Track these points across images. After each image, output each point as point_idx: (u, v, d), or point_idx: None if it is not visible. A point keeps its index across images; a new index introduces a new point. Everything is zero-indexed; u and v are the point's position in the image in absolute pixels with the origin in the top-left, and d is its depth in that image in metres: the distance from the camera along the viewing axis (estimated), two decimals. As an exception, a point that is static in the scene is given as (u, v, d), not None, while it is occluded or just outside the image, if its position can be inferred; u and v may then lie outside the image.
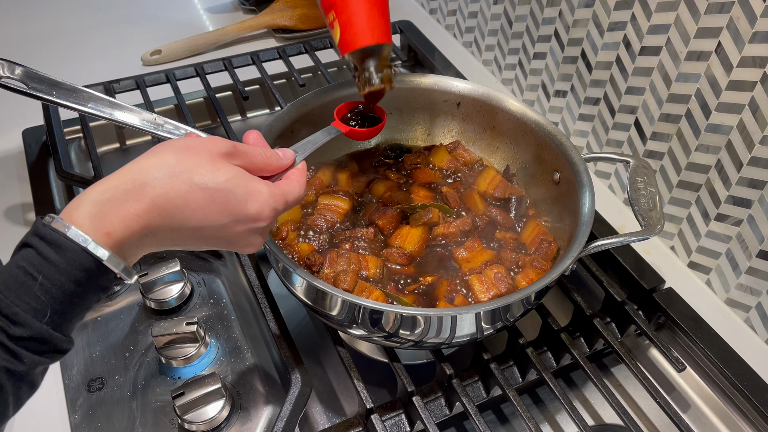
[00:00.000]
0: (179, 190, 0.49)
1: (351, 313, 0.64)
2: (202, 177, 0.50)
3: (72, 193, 0.98)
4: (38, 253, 0.45)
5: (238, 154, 0.54)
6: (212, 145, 0.53)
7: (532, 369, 0.74)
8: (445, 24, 1.39)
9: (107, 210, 0.47)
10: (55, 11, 1.41)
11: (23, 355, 0.45)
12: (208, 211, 0.51)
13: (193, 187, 0.50)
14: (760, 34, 0.72)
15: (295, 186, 0.58)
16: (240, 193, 0.52)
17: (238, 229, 0.54)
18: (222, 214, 0.51)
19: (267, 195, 0.54)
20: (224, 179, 0.51)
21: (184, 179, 0.50)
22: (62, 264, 0.45)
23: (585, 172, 0.75)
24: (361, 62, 0.70)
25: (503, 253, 0.77)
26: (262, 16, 1.33)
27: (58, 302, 0.46)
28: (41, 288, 0.45)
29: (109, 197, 0.48)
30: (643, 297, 0.82)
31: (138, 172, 0.49)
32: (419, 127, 0.93)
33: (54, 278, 0.45)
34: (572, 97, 1.05)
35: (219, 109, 1.05)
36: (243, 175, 0.53)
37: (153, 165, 0.50)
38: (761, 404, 0.72)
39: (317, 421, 0.76)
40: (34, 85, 0.70)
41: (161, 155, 0.51)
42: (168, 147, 0.52)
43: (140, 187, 0.49)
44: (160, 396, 0.74)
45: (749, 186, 0.78)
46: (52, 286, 0.45)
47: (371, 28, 0.67)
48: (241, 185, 0.52)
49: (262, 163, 0.57)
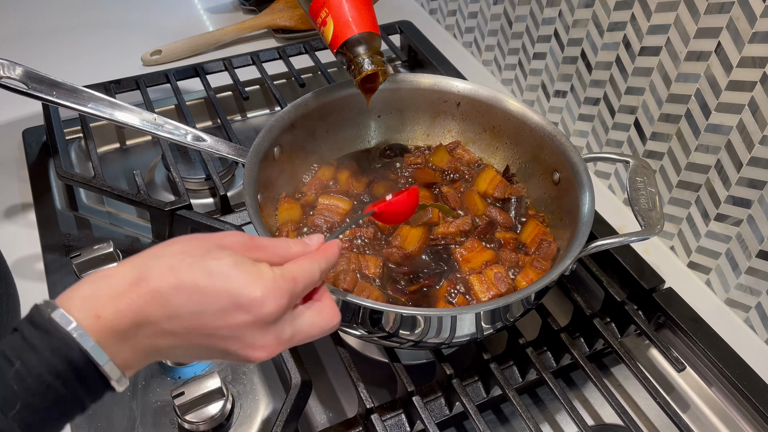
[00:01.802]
0: (176, 268, 0.44)
1: (351, 313, 0.64)
2: (204, 261, 0.45)
3: (72, 193, 0.98)
4: (22, 336, 0.40)
5: (255, 247, 0.49)
6: (225, 239, 0.49)
7: (532, 369, 0.74)
8: (445, 24, 1.39)
9: (100, 291, 0.42)
10: (55, 11, 1.41)
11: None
12: (206, 293, 0.44)
13: (193, 268, 0.45)
14: (760, 34, 0.72)
15: (305, 265, 0.50)
16: (241, 275, 0.46)
17: (240, 319, 0.46)
18: (220, 296, 0.45)
19: (270, 278, 0.47)
20: (229, 261, 0.46)
21: (187, 263, 0.45)
22: (44, 351, 0.39)
23: (585, 172, 0.75)
24: (354, 52, 0.73)
25: (503, 253, 0.77)
26: (262, 16, 1.33)
27: (30, 394, 0.39)
28: (16, 375, 0.39)
29: (106, 281, 0.43)
30: (643, 297, 0.82)
31: (139, 257, 0.46)
32: (419, 127, 0.93)
33: (31, 366, 0.39)
34: (572, 97, 1.05)
35: (219, 109, 1.05)
36: (245, 260, 0.47)
37: (153, 253, 0.46)
38: (761, 404, 0.72)
39: (317, 421, 0.76)
40: (34, 85, 0.70)
41: (165, 245, 0.47)
42: (180, 237, 0.48)
43: (138, 271, 0.44)
44: (160, 396, 0.74)
45: (749, 186, 0.79)
46: (28, 375, 0.39)
47: (363, 18, 0.72)
48: (242, 266, 0.46)
49: (284, 250, 0.51)
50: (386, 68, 0.75)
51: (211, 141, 0.77)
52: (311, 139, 0.86)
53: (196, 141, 0.76)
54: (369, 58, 0.73)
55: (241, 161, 0.75)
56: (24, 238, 0.91)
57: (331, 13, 0.72)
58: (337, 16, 0.72)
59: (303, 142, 0.84)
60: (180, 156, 1.03)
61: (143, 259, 0.45)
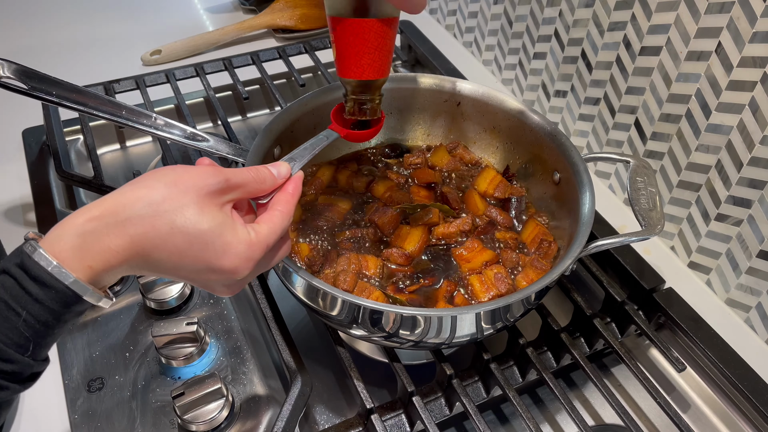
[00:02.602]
0: (160, 230, 0.49)
1: (351, 314, 0.64)
2: (184, 220, 0.49)
3: (72, 193, 0.98)
4: (21, 287, 0.46)
5: (230, 188, 0.53)
6: (203, 182, 0.51)
7: (532, 369, 0.74)
8: (445, 24, 1.39)
9: (89, 243, 0.47)
10: (56, 11, 1.41)
11: (6, 386, 0.46)
12: (185, 256, 0.50)
13: (174, 229, 0.49)
14: (760, 34, 0.72)
15: (277, 222, 0.56)
16: (218, 245, 0.51)
17: (212, 278, 0.53)
18: (197, 261, 0.51)
19: (245, 248, 0.52)
20: (206, 227, 0.50)
21: (166, 220, 0.49)
22: (46, 301, 0.46)
23: (585, 172, 0.75)
24: (351, 90, 0.70)
25: (503, 253, 0.77)
26: (262, 16, 1.33)
27: (40, 336, 0.47)
28: (25, 324, 0.46)
29: (92, 229, 0.48)
30: (643, 297, 0.82)
31: (122, 206, 0.49)
32: (419, 127, 0.93)
33: (38, 314, 0.46)
34: (572, 97, 1.05)
35: (219, 109, 1.05)
36: (225, 225, 0.51)
37: (138, 198, 0.49)
38: (761, 404, 0.72)
39: (317, 421, 0.76)
40: (34, 84, 0.70)
41: (149, 188, 0.50)
42: (157, 179, 0.51)
43: (122, 222, 0.48)
44: (160, 396, 0.74)
45: (749, 186, 0.78)
46: (36, 321, 0.46)
47: (361, 65, 0.66)
48: (221, 237, 0.51)
49: (255, 189, 0.56)
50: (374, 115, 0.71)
51: (211, 141, 0.77)
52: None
53: (196, 141, 0.76)
54: (362, 106, 0.70)
55: (241, 161, 0.75)
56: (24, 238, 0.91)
57: (334, 44, 0.67)
58: (338, 51, 0.67)
59: (303, 141, 0.84)
60: (180, 156, 1.03)
61: (125, 207, 0.49)
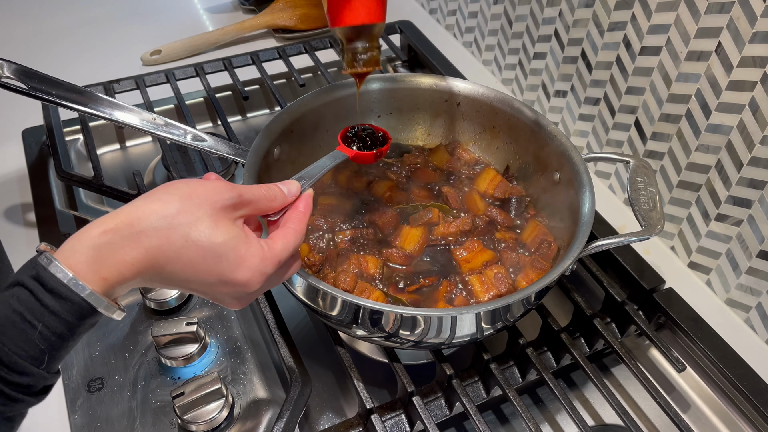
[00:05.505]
0: (174, 243, 0.49)
1: (351, 314, 0.64)
2: (198, 233, 0.50)
3: (72, 193, 0.98)
4: (37, 299, 0.46)
5: (242, 203, 0.54)
6: (217, 196, 0.52)
7: (532, 369, 0.74)
8: (445, 24, 1.39)
9: (104, 255, 0.47)
10: (55, 11, 1.41)
11: (21, 398, 0.46)
12: (198, 269, 0.51)
13: (189, 242, 0.50)
14: (760, 34, 0.72)
15: (291, 239, 0.56)
16: (232, 258, 0.51)
17: (224, 290, 0.54)
18: (210, 274, 0.51)
19: (258, 261, 0.53)
20: (220, 240, 0.51)
21: (181, 233, 0.49)
22: (62, 313, 0.46)
23: (585, 172, 0.75)
24: (347, 40, 0.66)
25: (503, 253, 0.77)
26: (262, 16, 1.33)
27: (54, 348, 0.47)
28: (41, 336, 0.46)
29: (106, 242, 0.48)
30: (643, 297, 0.82)
31: (137, 218, 0.49)
32: (419, 127, 0.93)
33: (53, 326, 0.46)
34: (572, 97, 1.05)
35: (219, 109, 1.05)
36: (239, 238, 0.52)
37: (153, 211, 0.49)
38: (761, 404, 0.72)
39: (317, 421, 0.76)
40: (34, 85, 0.70)
41: (163, 201, 0.50)
42: (171, 192, 0.51)
43: (137, 234, 0.48)
44: (160, 396, 0.74)
45: (749, 186, 0.78)
46: (52, 334, 0.46)
47: (354, 7, 0.62)
48: (235, 250, 0.52)
49: (266, 206, 0.57)
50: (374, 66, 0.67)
51: (211, 141, 0.77)
52: (311, 138, 0.86)
53: (196, 141, 0.76)
54: (361, 55, 0.66)
55: (241, 161, 0.75)
56: (24, 238, 0.91)
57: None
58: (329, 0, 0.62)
59: (303, 141, 0.84)
60: (180, 156, 1.03)
61: (140, 219, 0.49)
